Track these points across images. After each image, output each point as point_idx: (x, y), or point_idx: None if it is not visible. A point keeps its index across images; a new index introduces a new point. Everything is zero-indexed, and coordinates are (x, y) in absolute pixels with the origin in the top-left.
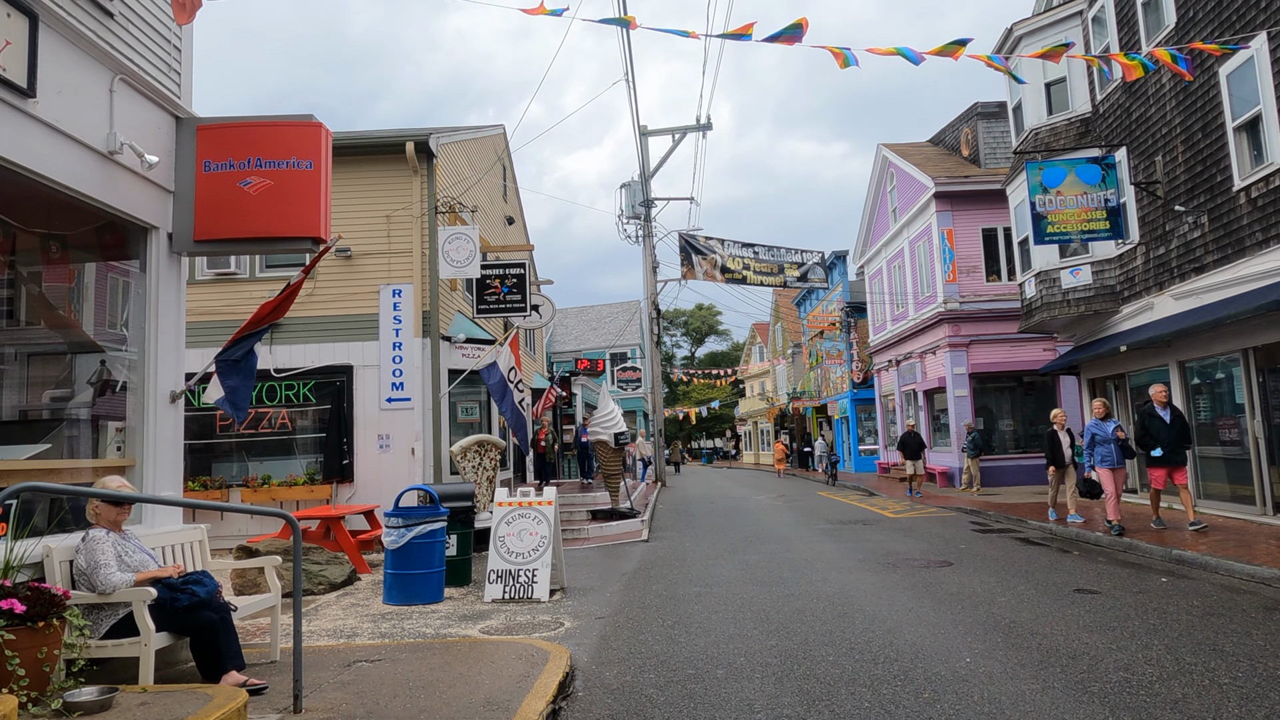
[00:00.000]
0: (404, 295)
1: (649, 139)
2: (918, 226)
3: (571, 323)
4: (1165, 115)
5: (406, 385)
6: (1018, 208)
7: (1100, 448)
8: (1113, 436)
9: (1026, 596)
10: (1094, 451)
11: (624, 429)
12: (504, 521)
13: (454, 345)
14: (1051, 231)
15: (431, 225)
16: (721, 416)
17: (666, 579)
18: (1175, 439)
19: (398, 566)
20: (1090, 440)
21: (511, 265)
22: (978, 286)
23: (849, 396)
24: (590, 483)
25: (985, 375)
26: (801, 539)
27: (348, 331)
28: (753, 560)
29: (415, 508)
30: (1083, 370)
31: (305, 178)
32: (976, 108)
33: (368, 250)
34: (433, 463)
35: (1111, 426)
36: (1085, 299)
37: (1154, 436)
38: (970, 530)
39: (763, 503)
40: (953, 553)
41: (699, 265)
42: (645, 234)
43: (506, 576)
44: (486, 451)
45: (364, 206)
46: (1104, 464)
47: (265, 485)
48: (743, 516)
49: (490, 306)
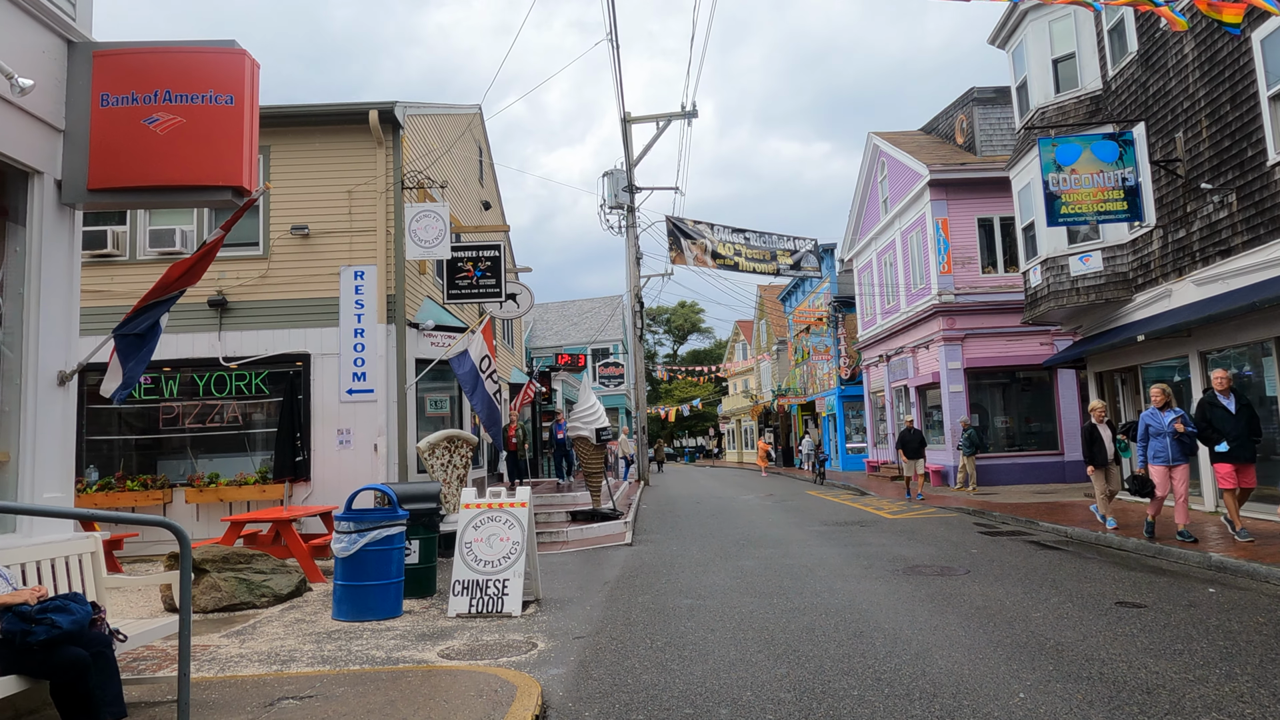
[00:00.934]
0: (367, 278)
1: (632, 126)
2: (910, 216)
3: (553, 318)
4: (1188, 88)
5: (369, 375)
6: (1022, 191)
7: (1155, 441)
8: (1169, 429)
9: (1064, 611)
10: (1147, 445)
11: (606, 424)
12: (471, 526)
13: (422, 333)
14: (1066, 213)
15: (397, 202)
16: (704, 415)
17: (654, 589)
18: (1243, 431)
19: (349, 577)
20: (1144, 433)
21: (485, 247)
22: (973, 278)
23: (836, 393)
24: (569, 482)
25: (980, 370)
26: (798, 542)
27: (305, 317)
28: (748, 567)
29: (370, 510)
30: (1089, 363)
31: (225, 116)
32: (973, 93)
33: (327, 228)
34: (398, 460)
35: (1169, 418)
36: (1096, 287)
37: (1217, 429)
38: (977, 533)
39: (751, 503)
40: (965, 558)
41: (688, 250)
42: (628, 224)
43: (473, 588)
44: (457, 448)
45: (323, 181)
46: (1157, 460)
47: (212, 485)
48: (732, 517)
49: (462, 291)
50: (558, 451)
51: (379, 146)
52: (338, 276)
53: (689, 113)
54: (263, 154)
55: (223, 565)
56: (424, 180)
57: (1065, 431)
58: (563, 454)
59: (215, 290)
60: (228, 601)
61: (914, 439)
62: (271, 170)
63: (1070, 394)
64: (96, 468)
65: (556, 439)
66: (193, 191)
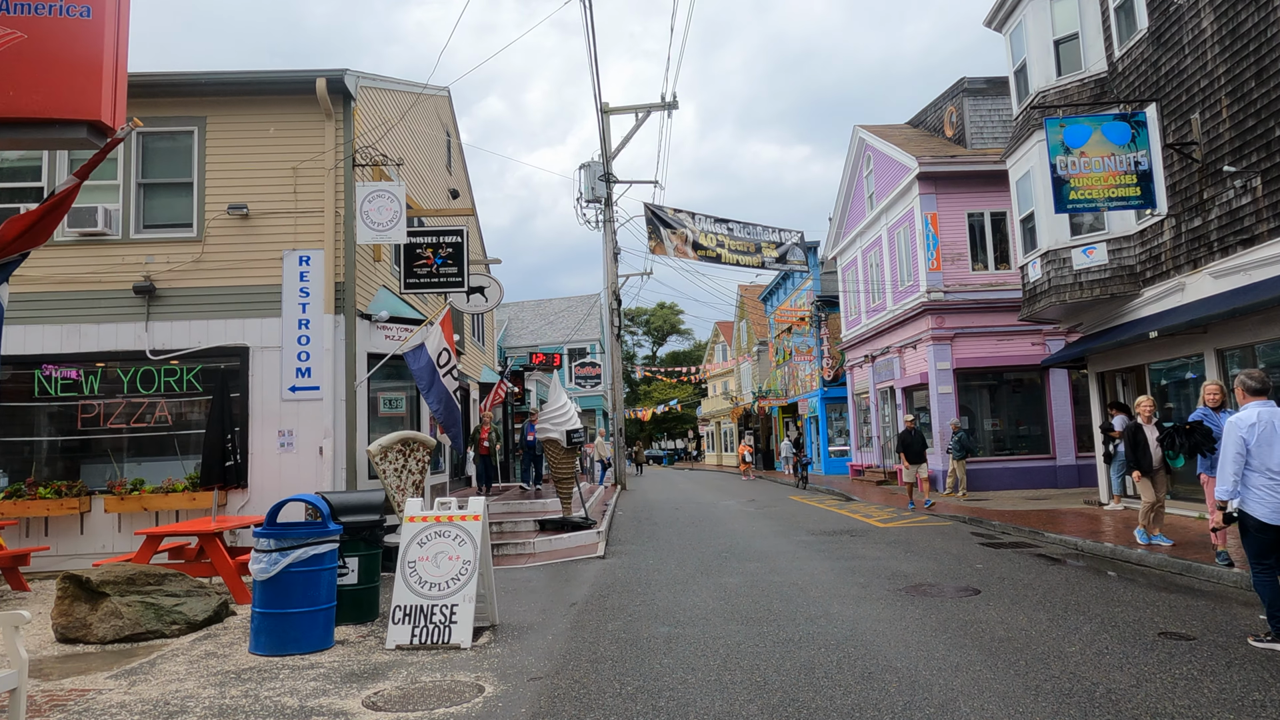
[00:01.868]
0: (313, 263)
1: (610, 117)
2: (898, 211)
3: (528, 316)
4: (1205, 65)
5: (314, 371)
6: (1020, 181)
7: None
8: None
9: (1102, 645)
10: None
11: (578, 426)
12: (415, 542)
13: (375, 325)
14: (1075, 198)
15: (348, 180)
16: (683, 417)
17: (626, 612)
18: None
19: (269, 603)
20: None
21: (447, 233)
22: (963, 275)
23: (819, 395)
24: (538, 489)
25: (969, 371)
26: (785, 555)
27: (243, 306)
28: (732, 584)
29: (295, 525)
30: (1090, 363)
31: (81, 32)
32: (963, 83)
33: (269, 208)
34: (345, 464)
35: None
36: (1100, 281)
37: None
38: (977, 544)
39: (732, 509)
40: (971, 575)
41: (668, 240)
42: (606, 219)
43: (416, 614)
44: (413, 451)
45: (265, 156)
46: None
47: (135, 493)
48: (712, 526)
49: (421, 280)
50: (527, 455)
51: (327, 119)
52: (280, 262)
53: (669, 104)
54: (197, 125)
55: (126, 588)
56: (378, 157)
57: (1057, 435)
58: (532, 458)
59: (142, 275)
60: (130, 630)
61: (916, 441)
62: (208, 144)
63: (1063, 396)
64: (7, 473)
65: (527, 441)
66: (36, 127)
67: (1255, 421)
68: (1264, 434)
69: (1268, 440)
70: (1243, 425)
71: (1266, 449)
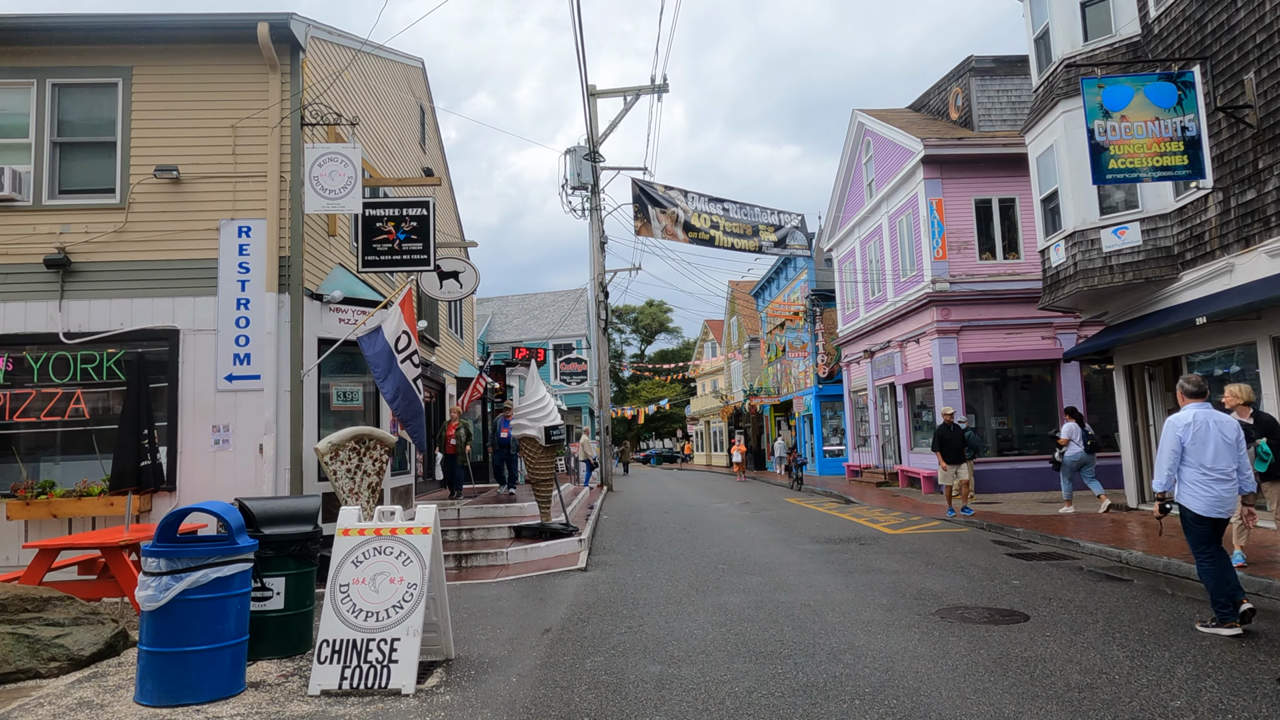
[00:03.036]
0: (254, 235)
1: (598, 100)
2: (900, 198)
3: (512, 311)
4: (1263, 18)
5: (255, 358)
6: (1041, 157)
7: None
8: None
9: (1215, 699)
10: None
11: (558, 422)
12: (350, 561)
13: (327, 306)
14: (1115, 167)
15: (295, 141)
16: (672, 416)
17: (609, 644)
18: None
19: (160, 639)
20: None
21: (410, 204)
22: (970, 265)
23: (813, 393)
24: (512, 491)
25: (975, 367)
26: (790, 567)
27: (172, 283)
28: (733, 605)
29: (193, 542)
30: (1118, 355)
31: None
32: (970, 62)
33: (204, 172)
34: (290, 464)
35: None
36: (1133, 264)
37: None
38: (1005, 555)
39: (726, 512)
40: (1010, 594)
41: (656, 220)
42: (592, 206)
43: (348, 651)
44: (368, 450)
45: (200, 112)
46: None
47: (43, 496)
48: (706, 532)
49: (381, 258)
50: (499, 453)
51: (272, 71)
52: (216, 233)
53: (659, 86)
54: (121, 77)
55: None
56: (330, 116)
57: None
58: (505, 457)
59: (55, 247)
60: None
61: (955, 437)
62: (134, 97)
63: (1074, 393)
64: None
65: (499, 439)
66: None
67: (1191, 421)
68: (1199, 433)
69: (1202, 439)
70: (1179, 425)
71: (1201, 447)
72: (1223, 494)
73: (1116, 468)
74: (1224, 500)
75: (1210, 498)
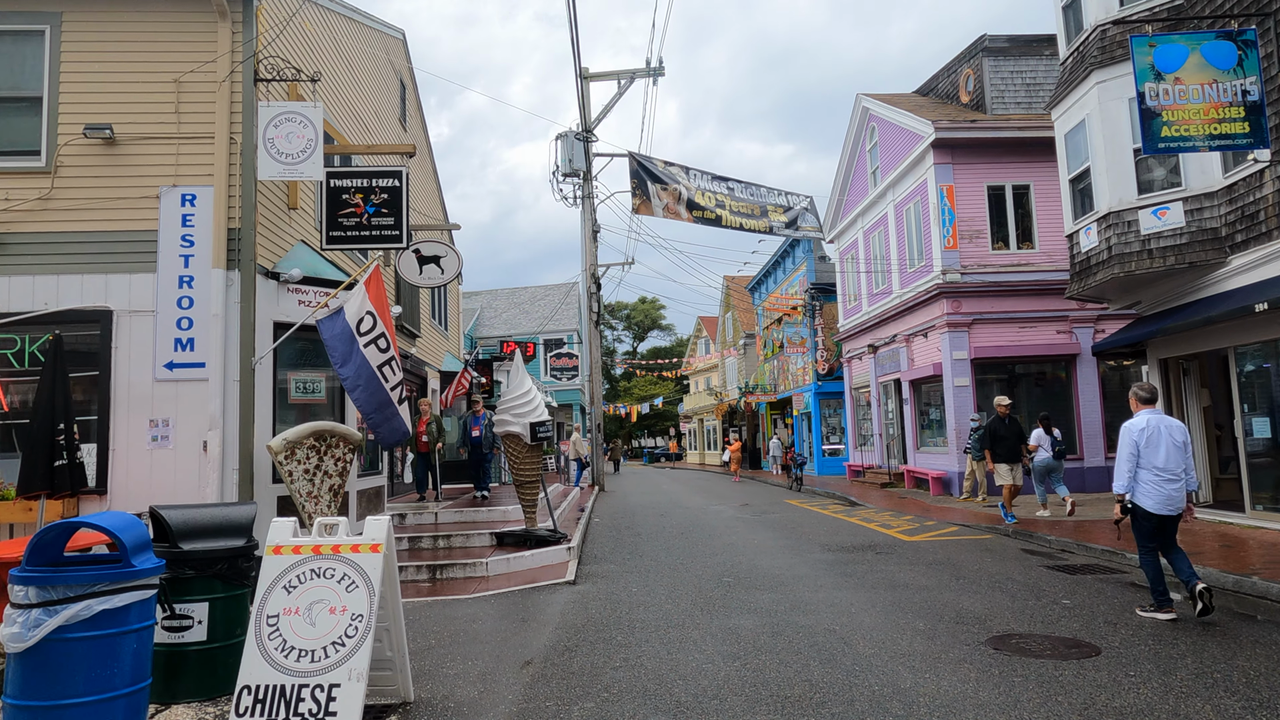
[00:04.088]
0: (199, 205)
1: (590, 84)
2: (907, 185)
3: (502, 304)
4: None
5: (199, 343)
6: (1070, 134)
7: None
8: None
9: None
10: None
11: (545, 418)
12: (281, 586)
13: (285, 286)
14: (1169, 135)
15: (247, 98)
16: (664, 414)
17: (601, 683)
18: None
19: (27, 690)
20: None
21: (380, 174)
22: (982, 255)
23: (812, 390)
24: (485, 495)
25: (986, 362)
26: (804, 581)
27: (106, 257)
28: (745, 630)
29: (81, 564)
30: (1153, 348)
31: None
32: (983, 41)
33: (143, 132)
34: (238, 463)
35: None
36: (1175, 248)
37: None
38: (1044, 568)
39: (725, 515)
40: (1065, 617)
41: (657, 197)
42: (585, 194)
43: (274, 700)
44: (330, 448)
45: (137, 64)
46: None
47: None
48: (706, 538)
49: (347, 234)
50: (473, 453)
51: (221, 19)
52: (156, 201)
53: (654, 70)
54: (49, 25)
55: None
56: (288, 71)
57: (1085, 433)
58: (479, 457)
59: None
60: None
61: (1012, 434)
62: (62, 47)
63: (1091, 390)
64: None
65: (470, 438)
66: None
67: (1145, 426)
68: (1151, 437)
69: (1154, 443)
70: (1135, 430)
71: (1153, 450)
72: (1172, 493)
73: None
74: (1173, 499)
75: (1161, 496)
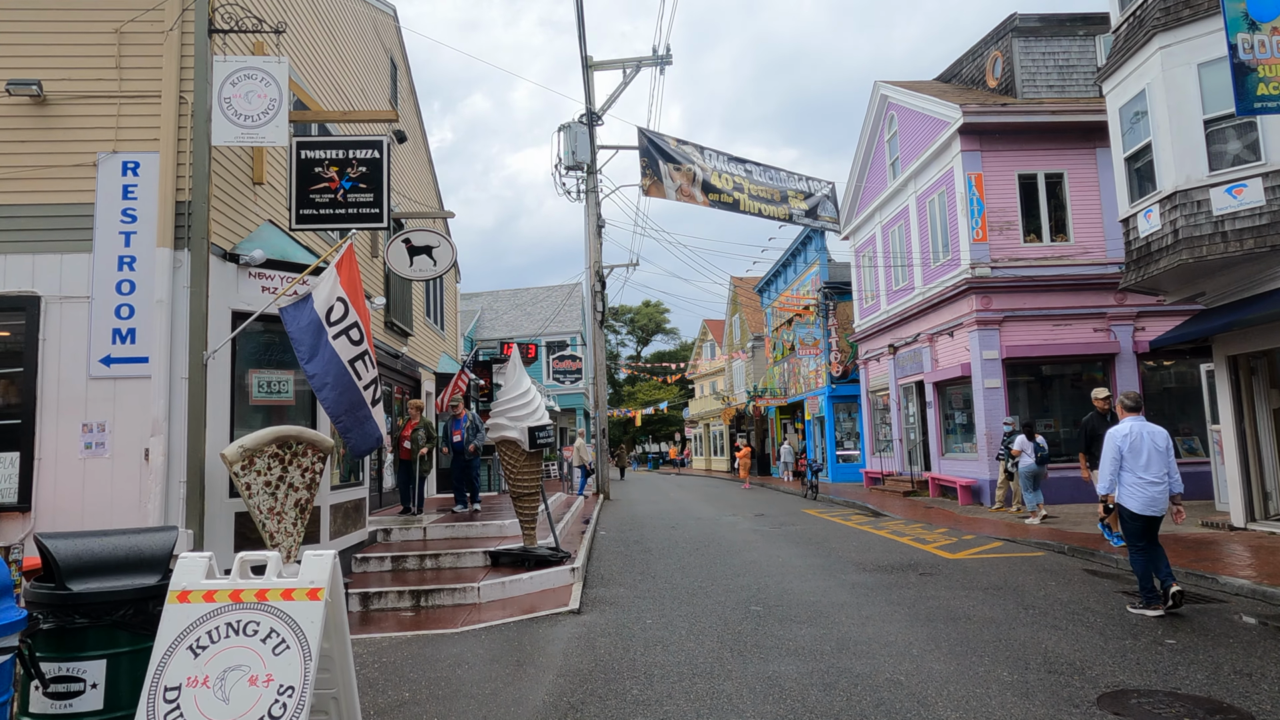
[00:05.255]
0: (144, 174)
1: (595, 73)
2: (931, 175)
3: (503, 306)
4: None
5: (142, 334)
6: (1127, 106)
7: None
8: None
9: None
10: None
11: (545, 422)
12: (187, 647)
13: (246, 270)
14: (1265, 94)
15: (201, 51)
16: (669, 419)
17: None
18: None
19: None
20: None
21: (358, 144)
22: (1013, 248)
23: (825, 393)
24: (476, 509)
25: (1017, 363)
26: (846, 611)
27: (32, 235)
28: (788, 680)
29: None
30: (1219, 345)
31: None
32: (1013, 21)
33: (76, 89)
34: (185, 474)
35: None
36: (1254, 229)
37: None
38: (1119, 594)
39: (741, 527)
40: (1181, 665)
41: (669, 177)
42: (588, 188)
43: None
44: (295, 456)
45: (70, 10)
46: None
47: None
48: (724, 554)
49: (320, 213)
50: (456, 462)
51: None
52: (93, 170)
53: (661, 58)
54: None
55: None
56: (249, 21)
57: None
58: (463, 465)
59: None
60: None
61: None
62: None
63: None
64: None
65: (453, 444)
66: None
67: (1128, 433)
68: (1134, 443)
69: (1136, 448)
70: (1119, 436)
71: (1135, 455)
72: (1155, 495)
73: (1204, 475)
74: (1156, 500)
75: (1145, 498)
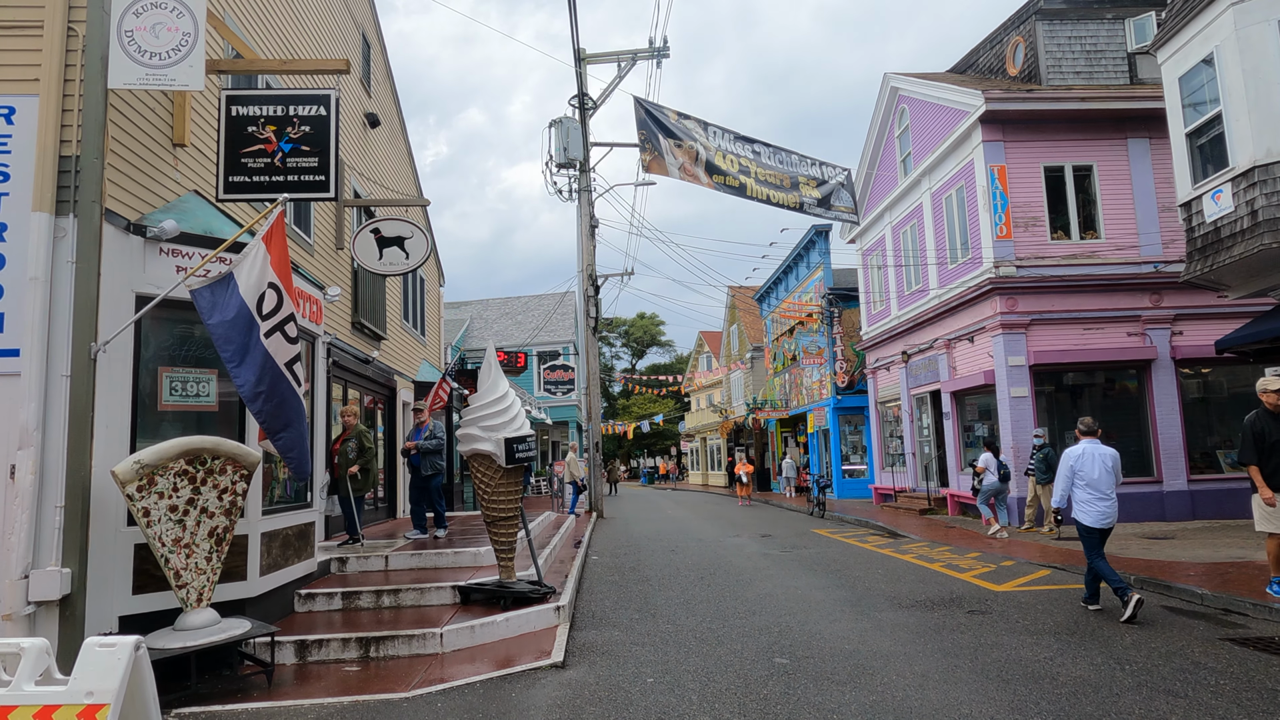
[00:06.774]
0: (20, 121)
1: (588, 67)
2: (947, 170)
3: (493, 314)
4: None
5: (11, 321)
6: (1188, 76)
7: None
8: None
9: None
10: None
11: (526, 433)
12: None
13: (154, 244)
14: None
15: None
16: (665, 433)
17: None
18: None
19: None
20: None
21: (301, 99)
22: (1040, 246)
23: (830, 404)
24: (438, 535)
25: (1044, 370)
26: (895, 665)
27: None
28: None
29: None
30: None
31: None
32: (1036, 3)
33: None
34: (63, 498)
35: None
36: None
37: None
38: (1228, 643)
39: (749, 550)
40: None
41: (670, 154)
42: (581, 187)
43: None
44: (210, 474)
45: None
46: None
47: None
48: (734, 585)
49: (253, 180)
50: (414, 480)
51: None
52: None
53: (658, 50)
54: None
55: None
56: None
57: (1163, 453)
58: (421, 484)
59: None
60: None
61: None
62: None
63: (1169, 402)
64: None
65: (410, 456)
66: None
67: (1081, 453)
68: (1086, 462)
69: (1088, 467)
70: (1072, 456)
71: (1087, 474)
72: (1105, 510)
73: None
74: (1107, 514)
75: (1097, 513)
